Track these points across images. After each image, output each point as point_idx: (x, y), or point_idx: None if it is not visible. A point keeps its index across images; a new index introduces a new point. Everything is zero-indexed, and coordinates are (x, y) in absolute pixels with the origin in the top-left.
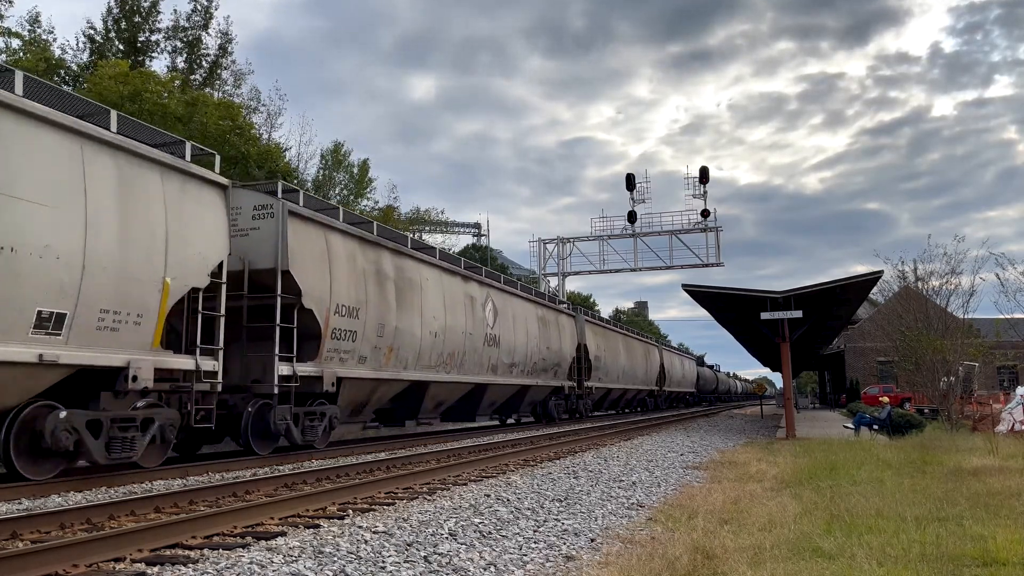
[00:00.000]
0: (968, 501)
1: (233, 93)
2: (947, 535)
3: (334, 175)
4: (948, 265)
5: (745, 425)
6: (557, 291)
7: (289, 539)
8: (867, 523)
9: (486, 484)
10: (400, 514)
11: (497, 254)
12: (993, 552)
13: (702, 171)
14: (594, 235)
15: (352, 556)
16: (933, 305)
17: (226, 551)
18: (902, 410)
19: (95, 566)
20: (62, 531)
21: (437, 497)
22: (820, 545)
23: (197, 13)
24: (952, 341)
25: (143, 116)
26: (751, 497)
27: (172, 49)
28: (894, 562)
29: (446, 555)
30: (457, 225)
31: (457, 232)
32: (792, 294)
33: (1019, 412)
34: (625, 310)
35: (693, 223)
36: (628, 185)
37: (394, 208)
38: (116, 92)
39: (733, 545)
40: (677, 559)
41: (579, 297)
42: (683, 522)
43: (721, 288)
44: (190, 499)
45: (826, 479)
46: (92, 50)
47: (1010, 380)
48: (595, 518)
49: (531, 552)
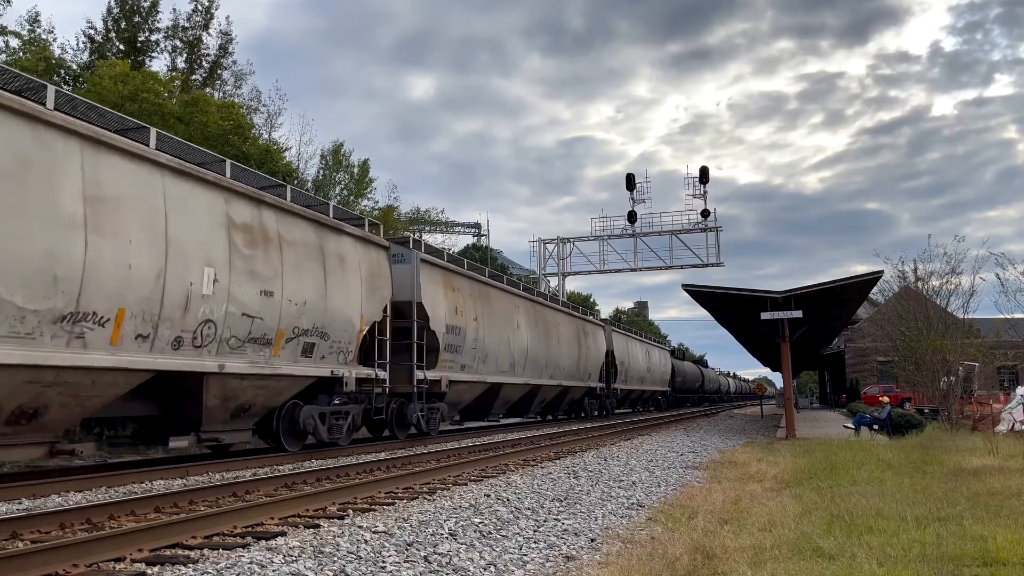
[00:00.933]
0: (968, 501)
1: (233, 93)
2: (947, 535)
3: (335, 175)
4: (948, 265)
5: (745, 425)
6: (557, 291)
7: (289, 539)
8: (867, 523)
9: (486, 484)
10: (400, 514)
11: (497, 254)
12: (993, 552)
13: (702, 171)
14: (594, 235)
15: (352, 556)
16: (933, 305)
17: (226, 551)
18: (902, 410)
19: (95, 566)
20: (62, 531)
21: (437, 497)
22: (820, 545)
23: (198, 13)
24: (952, 341)
25: (142, 116)
26: (751, 497)
27: (172, 49)
28: (894, 562)
29: (446, 555)
30: (457, 225)
31: (457, 232)
32: (792, 294)
33: (1019, 412)
34: (625, 310)
35: (693, 223)
36: (628, 185)
37: (394, 208)
38: (115, 92)
39: (733, 545)
40: (677, 559)
41: (579, 297)
42: (683, 522)
43: (721, 288)
44: (190, 499)
45: (826, 479)
46: (92, 50)
47: (1010, 380)
48: (595, 518)
49: (531, 552)
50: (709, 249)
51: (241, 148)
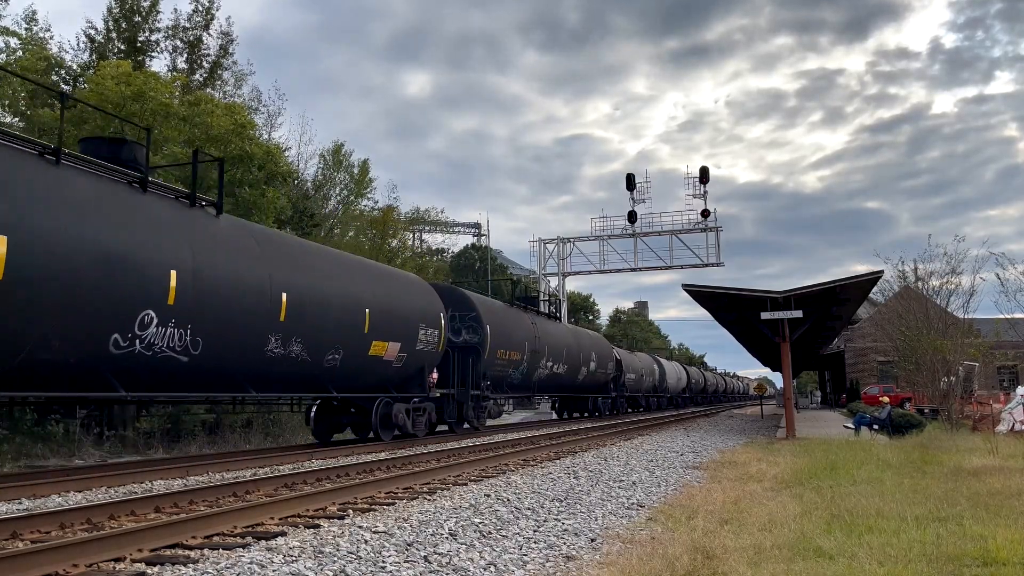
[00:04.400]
0: (968, 501)
1: (234, 94)
2: (947, 535)
3: (334, 175)
4: (948, 265)
5: (745, 425)
6: (557, 291)
7: (289, 539)
8: (867, 523)
9: (486, 484)
10: (400, 514)
11: (496, 254)
12: (993, 552)
13: (702, 171)
14: (594, 235)
15: (352, 556)
16: (933, 305)
17: (226, 551)
18: (902, 410)
19: (95, 566)
20: (62, 531)
21: (437, 497)
22: (820, 545)
23: (198, 13)
24: (952, 341)
25: (146, 116)
26: (751, 497)
27: (173, 49)
28: (894, 562)
29: (446, 555)
30: (457, 225)
31: (457, 232)
32: (792, 294)
33: (1019, 412)
34: (625, 310)
35: (693, 223)
36: (628, 185)
37: (394, 208)
38: (117, 93)
39: (733, 545)
40: (677, 559)
41: (579, 297)
42: (683, 522)
43: (721, 288)
44: (190, 499)
45: (826, 479)
46: (92, 50)
47: (1010, 380)
48: (595, 518)
49: (531, 552)
50: (709, 249)
51: (243, 148)
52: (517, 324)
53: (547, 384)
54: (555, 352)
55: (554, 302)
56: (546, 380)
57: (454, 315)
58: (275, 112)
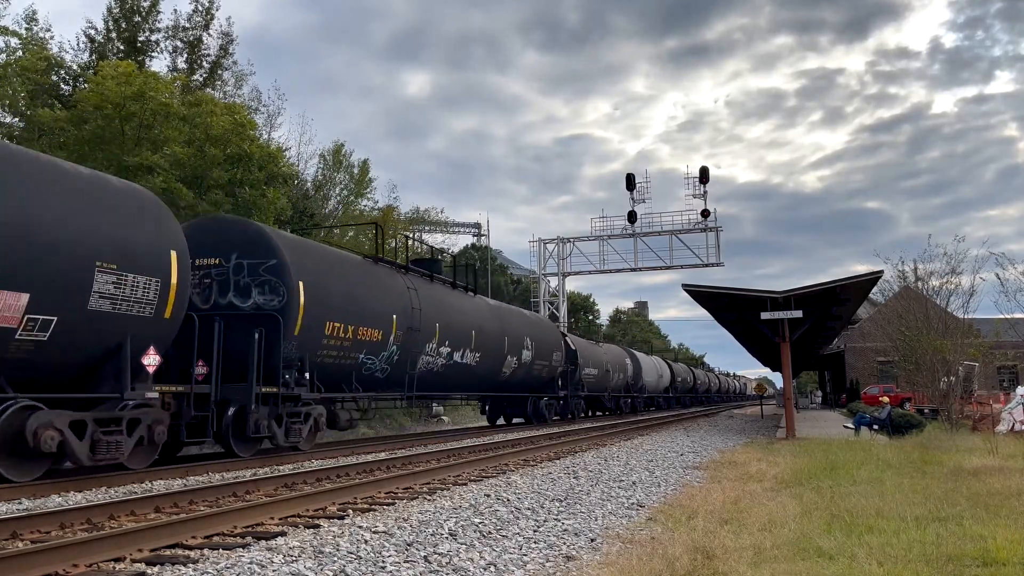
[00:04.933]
0: (968, 501)
1: (234, 94)
2: (947, 535)
3: (334, 175)
4: (948, 265)
5: (745, 425)
6: (557, 291)
7: (289, 539)
8: (867, 523)
9: (486, 484)
10: (400, 514)
11: (496, 254)
12: (993, 552)
13: (702, 171)
14: (594, 235)
15: (352, 556)
16: (933, 305)
17: (226, 551)
18: (902, 410)
19: (95, 566)
20: (62, 531)
21: (437, 497)
22: (820, 545)
23: (198, 13)
24: (952, 341)
25: (147, 116)
26: (751, 497)
27: (173, 49)
28: (894, 562)
29: (446, 555)
30: (457, 225)
31: (457, 232)
32: (792, 294)
33: (1019, 412)
34: (625, 310)
35: (693, 223)
36: (628, 185)
37: (394, 208)
38: (118, 93)
39: (733, 545)
40: (677, 559)
41: (579, 297)
42: (683, 522)
43: (721, 288)
44: (190, 499)
45: (826, 479)
46: (92, 50)
47: (1010, 380)
48: (595, 518)
49: (531, 552)
50: (709, 249)
51: (244, 148)
52: (374, 286)
53: (443, 380)
54: (455, 334)
55: (554, 302)
56: (440, 374)
57: (240, 263)
58: (275, 112)
